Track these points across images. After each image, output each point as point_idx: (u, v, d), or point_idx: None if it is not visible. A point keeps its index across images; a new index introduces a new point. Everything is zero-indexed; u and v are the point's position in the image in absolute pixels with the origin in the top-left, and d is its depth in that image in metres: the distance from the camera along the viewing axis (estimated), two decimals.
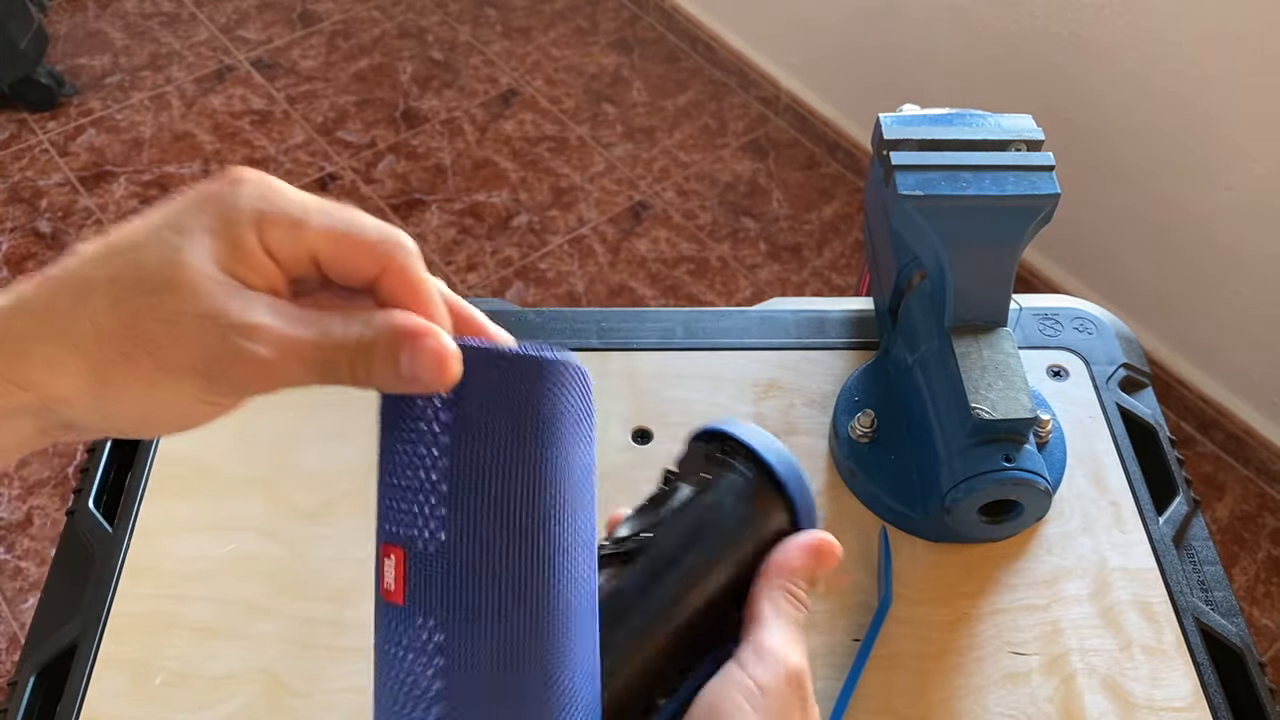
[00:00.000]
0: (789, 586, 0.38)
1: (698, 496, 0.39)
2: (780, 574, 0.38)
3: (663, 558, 0.37)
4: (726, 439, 0.40)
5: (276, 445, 0.63)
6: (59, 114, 1.95)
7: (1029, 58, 1.49)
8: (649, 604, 0.36)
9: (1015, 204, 0.57)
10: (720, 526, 0.38)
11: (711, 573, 0.38)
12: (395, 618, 0.30)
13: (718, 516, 0.38)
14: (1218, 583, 0.60)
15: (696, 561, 0.37)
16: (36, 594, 1.36)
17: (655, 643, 0.36)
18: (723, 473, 0.40)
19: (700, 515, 0.38)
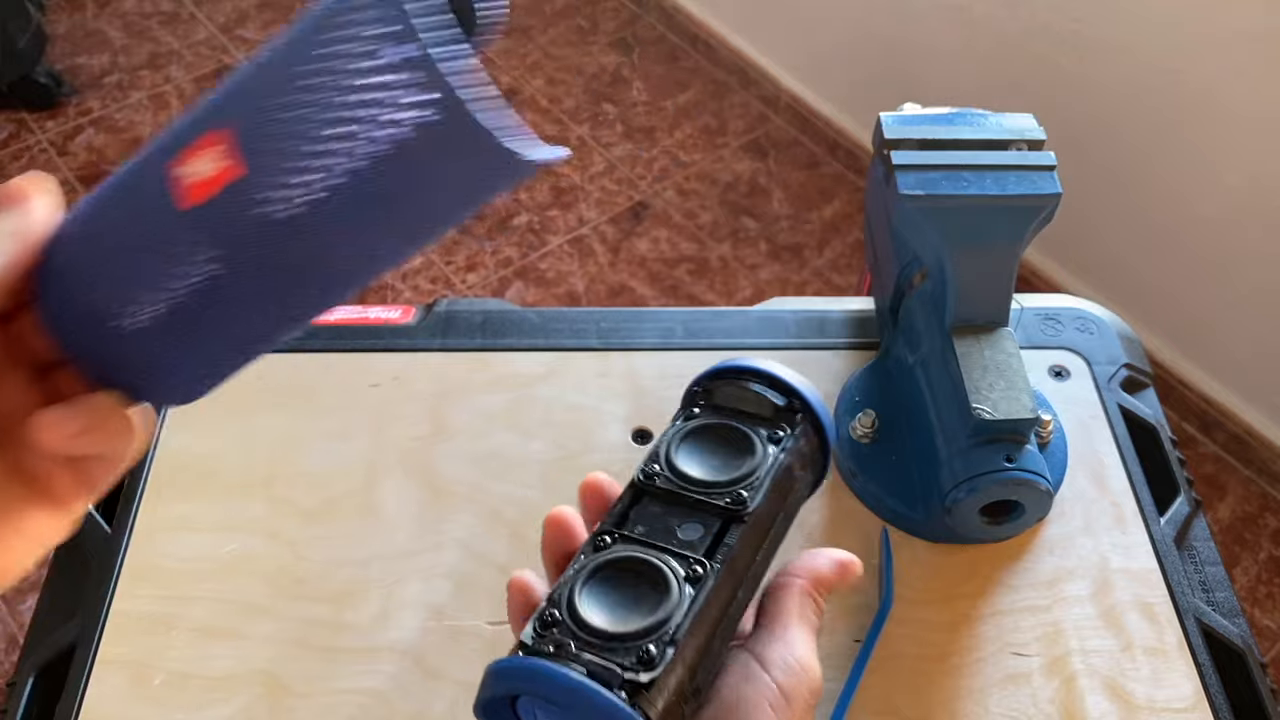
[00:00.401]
0: (815, 595, 0.39)
1: (780, 458, 0.39)
2: (811, 581, 0.39)
3: (762, 520, 0.38)
4: (790, 392, 0.41)
5: (277, 446, 0.63)
6: (58, 113, 1.94)
7: (1030, 57, 1.49)
8: (757, 569, 0.38)
9: (1016, 203, 0.57)
10: (797, 490, 0.40)
11: (785, 530, 0.40)
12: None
13: (793, 481, 0.40)
14: (1219, 583, 0.59)
15: (781, 523, 0.39)
16: (36, 594, 1.36)
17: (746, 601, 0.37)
18: (797, 435, 0.40)
19: (784, 478, 0.39)
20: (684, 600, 0.34)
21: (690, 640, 0.33)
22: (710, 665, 0.35)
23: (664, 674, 0.32)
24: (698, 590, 0.35)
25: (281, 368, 0.66)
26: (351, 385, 0.65)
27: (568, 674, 0.31)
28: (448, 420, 0.64)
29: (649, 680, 0.32)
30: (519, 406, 0.65)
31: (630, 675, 0.32)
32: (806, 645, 0.37)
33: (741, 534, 0.37)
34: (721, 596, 0.35)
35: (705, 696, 0.35)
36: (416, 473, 0.62)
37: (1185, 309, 1.49)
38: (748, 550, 0.37)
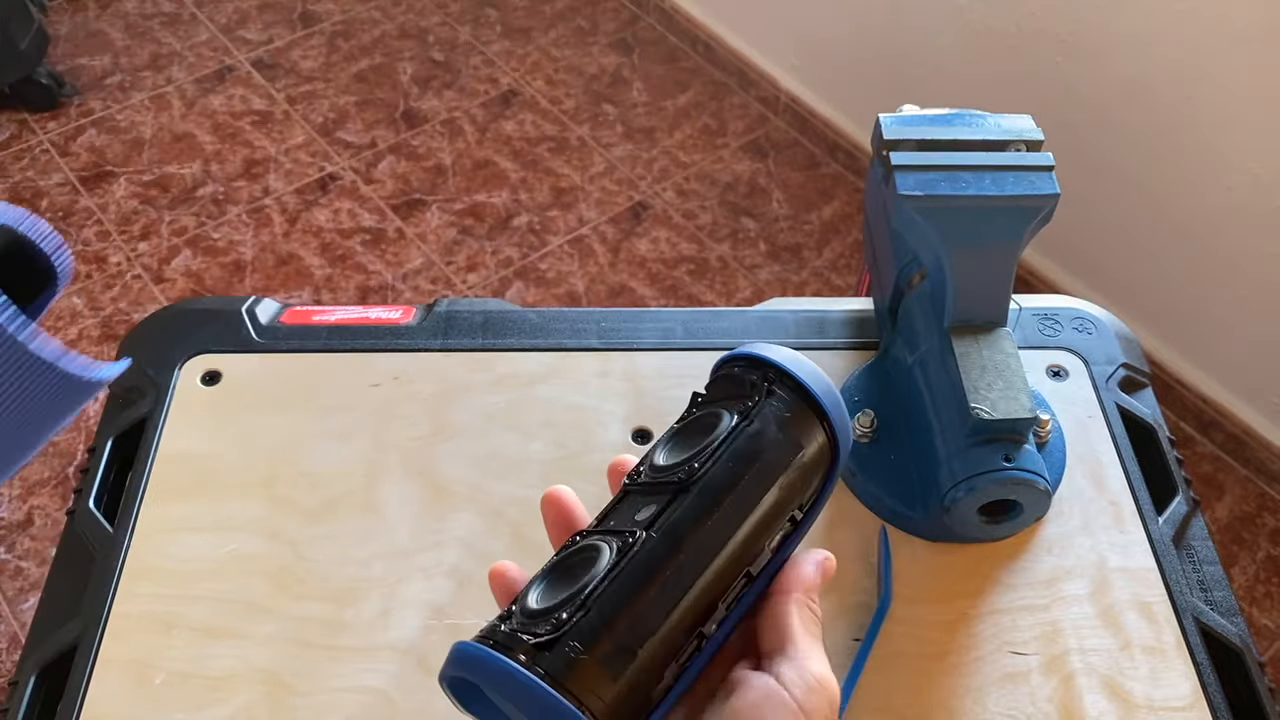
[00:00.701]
0: (810, 604, 0.39)
1: (741, 425, 0.38)
2: (800, 588, 0.39)
3: (713, 489, 0.37)
4: (762, 364, 0.40)
5: (277, 445, 0.63)
6: (59, 114, 1.95)
7: (1029, 58, 1.49)
8: (701, 540, 0.36)
9: (1015, 204, 0.57)
10: (766, 454, 0.38)
11: (758, 503, 0.37)
12: None
13: (762, 444, 0.38)
14: (1217, 583, 0.60)
15: (746, 491, 0.37)
16: (37, 594, 1.36)
17: (713, 573, 0.36)
18: (763, 400, 0.39)
19: (746, 443, 0.38)
20: (604, 567, 0.34)
21: (608, 602, 0.34)
22: (645, 629, 0.34)
23: (570, 634, 0.32)
24: (621, 557, 0.35)
25: (282, 368, 0.66)
26: (352, 385, 0.66)
27: (472, 646, 0.33)
28: (448, 420, 0.64)
29: (548, 640, 0.32)
30: (519, 406, 0.65)
31: (534, 639, 0.32)
32: (820, 660, 0.37)
33: (687, 502, 0.36)
34: (653, 560, 0.35)
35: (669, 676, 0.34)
36: (417, 472, 0.62)
37: (1183, 309, 1.50)
38: (694, 516, 0.36)
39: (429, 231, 1.79)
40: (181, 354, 0.67)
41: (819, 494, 0.40)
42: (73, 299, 1.67)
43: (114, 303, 1.67)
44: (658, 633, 0.34)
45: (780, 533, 0.39)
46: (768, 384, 0.39)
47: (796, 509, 0.39)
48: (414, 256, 1.76)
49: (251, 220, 1.80)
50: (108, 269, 1.71)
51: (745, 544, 0.37)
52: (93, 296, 1.68)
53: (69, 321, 1.64)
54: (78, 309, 1.66)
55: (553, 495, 0.40)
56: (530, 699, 0.31)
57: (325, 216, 1.81)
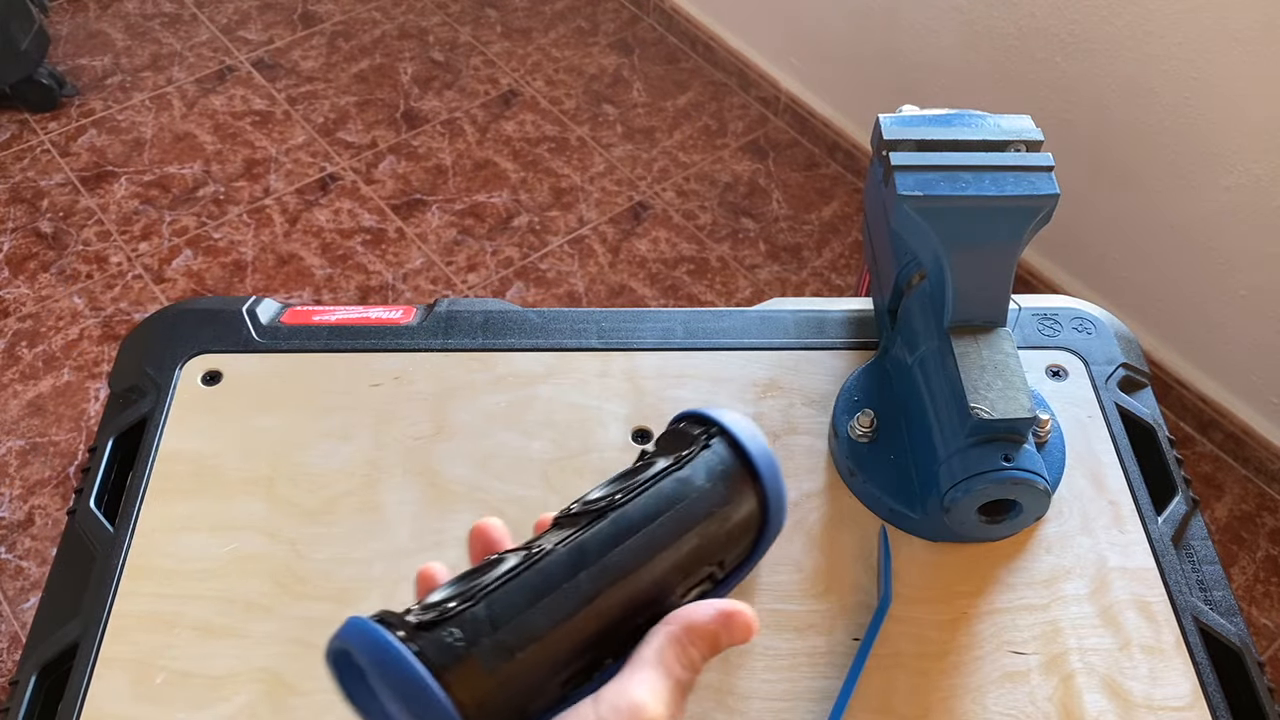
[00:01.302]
0: (685, 643, 0.36)
1: (671, 468, 0.39)
2: (683, 626, 0.36)
3: (628, 519, 0.37)
4: (707, 422, 0.41)
5: (277, 445, 0.63)
6: (60, 114, 1.95)
7: (1028, 58, 1.49)
8: (606, 562, 0.36)
9: (1014, 204, 0.57)
10: (689, 499, 0.38)
11: (672, 544, 0.37)
12: None
13: (687, 490, 0.38)
14: (1216, 582, 0.60)
15: (661, 529, 0.37)
16: (38, 593, 1.37)
17: (611, 598, 0.36)
18: (699, 450, 0.40)
19: (672, 486, 0.38)
20: (502, 570, 0.35)
21: (496, 600, 0.34)
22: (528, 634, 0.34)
23: (451, 621, 0.33)
24: (520, 564, 0.35)
25: (282, 368, 0.66)
26: (352, 385, 0.66)
27: (358, 618, 0.33)
28: (449, 420, 0.65)
29: (430, 622, 0.33)
30: (519, 406, 0.65)
31: (417, 621, 0.33)
32: (648, 688, 0.34)
33: (598, 526, 0.37)
34: (551, 570, 0.35)
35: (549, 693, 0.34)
36: (417, 472, 0.62)
37: (1183, 309, 1.50)
38: (600, 539, 0.36)
39: (429, 231, 1.79)
40: (182, 354, 0.67)
41: (747, 556, 0.40)
42: (73, 299, 1.67)
43: (115, 303, 1.67)
44: (541, 641, 0.34)
45: (697, 586, 0.38)
46: (707, 437, 0.40)
47: (717, 565, 0.39)
48: (414, 256, 1.76)
49: (252, 220, 1.80)
50: (108, 269, 1.71)
51: (651, 580, 0.37)
52: (93, 296, 1.68)
53: (69, 321, 1.64)
54: (78, 309, 1.66)
55: (479, 527, 0.40)
56: (397, 671, 0.31)
57: (326, 216, 1.81)
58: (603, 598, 0.35)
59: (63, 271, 1.71)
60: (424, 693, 0.31)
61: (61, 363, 1.59)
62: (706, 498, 0.39)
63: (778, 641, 0.56)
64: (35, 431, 1.52)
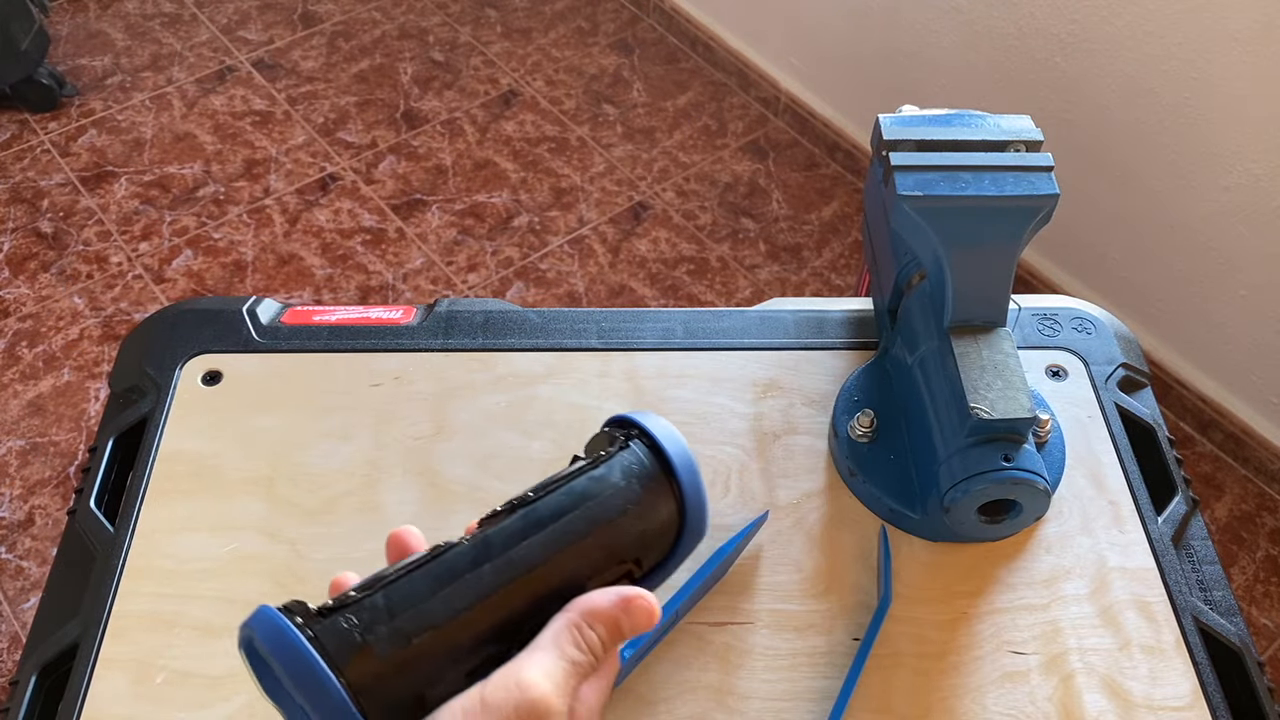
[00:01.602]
0: (584, 626, 0.36)
1: (586, 467, 0.40)
2: (581, 610, 0.37)
3: (537, 515, 0.38)
4: (629, 424, 0.42)
5: (277, 445, 0.63)
6: (60, 114, 1.95)
7: (1028, 58, 1.49)
8: (511, 556, 0.37)
9: (1014, 204, 0.57)
10: (600, 497, 0.39)
11: (580, 539, 0.38)
12: None
13: (600, 488, 0.39)
14: (1216, 582, 0.60)
15: (569, 524, 0.38)
16: (38, 594, 1.37)
17: (515, 590, 0.36)
18: (617, 451, 0.41)
19: (585, 484, 0.39)
20: (404, 563, 0.36)
21: (396, 589, 0.35)
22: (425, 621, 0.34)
23: (350, 608, 0.34)
24: (425, 556, 0.36)
25: (282, 368, 0.66)
26: (353, 385, 0.66)
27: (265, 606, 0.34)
28: (449, 420, 0.65)
29: (328, 608, 0.34)
30: (520, 406, 0.65)
31: (318, 608, 0.34)
32: (539, 667, 0.34)
33: (506, 523, 0.38)
34: (455, 563, 0.36)
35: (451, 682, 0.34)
36: (417, 472, 0.62)
37: (1183, 309, 1.50)
38: (509, 534, 0.37)
39: (429, 231, 1.79)
40: (182, 354, 0.67)
41: (667, 555, 0.41)
42: (74, 299, 1.67)
43: (115, 303, 1.67)
44: (439, 629, 0.34)
45: (614, 583, 0.39)
46: (626, 439, 0.41)
47: (633, 563, 0.40)
48: (414, 256, 1.76)
49: (252, 220, 1.80)
50: (109, 269, 1.71)
51: (559, 574, 0.37)
52: (94, 296, 1.68)
53: (70, 321, 1.64)
54: (78, 309, 1.66)
55: (395, 534, 0.40)
56: (289, 654, 0.32)
57: (326, 216, 1.81)
58: (506, 590, 0.36)
59: (63, 271, 1.71)
60: (314, 674, 0.32)
61: (62, 363, 1.59)
62: (619, 495, 0.39)
63: (778, 641, 0.56)
64: (35, 431, 1.52)
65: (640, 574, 0.40)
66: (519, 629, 0.36)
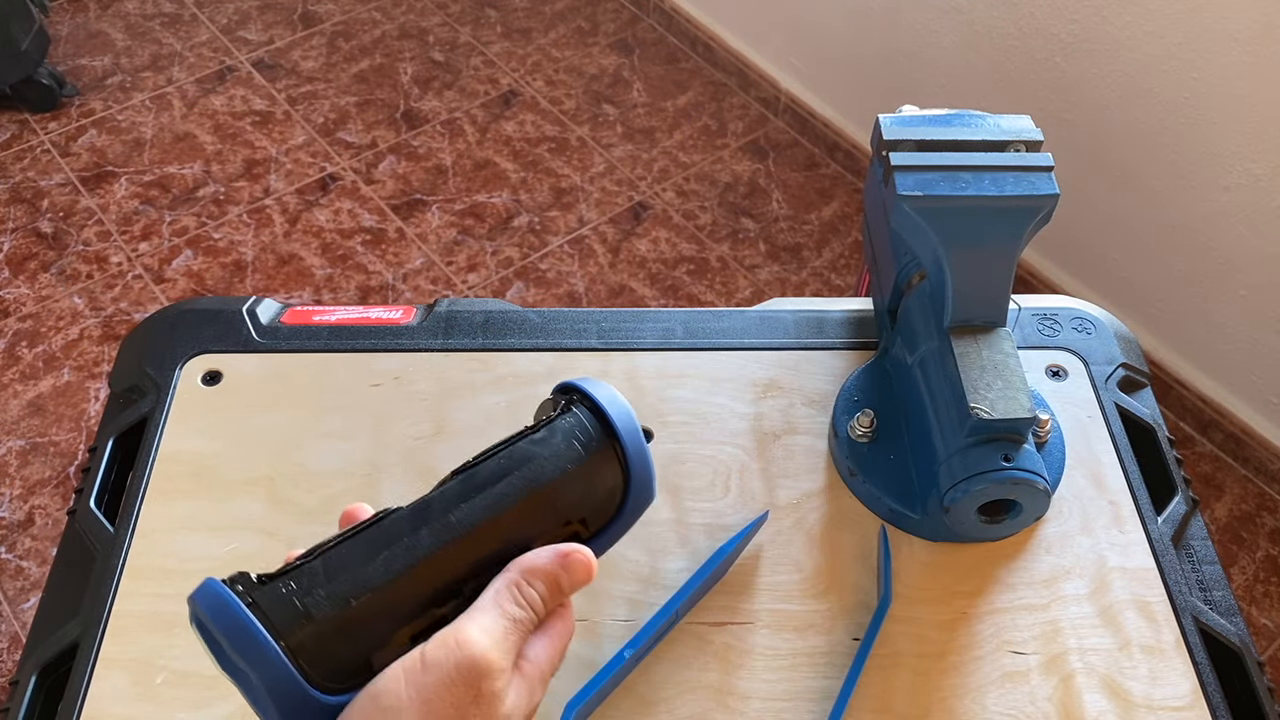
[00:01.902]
0: (522, 583, 0.37)
1: (527, 431, 0.40)
2: (520, 568, 0.38)
3: (477, 478, 0.38)
4: (571, 390, 0.42)
5: (277, 444, 0.63)
6: (60, 114, 1.95)
7: (1028, 59, 1.49)
8: (450, 519, 0.37)
9: (1014, 204, 0.57)
10: (539, 458, 0.39)
11: (520, 501, 0.38)
12: None
13: (540, 450, 0.39)
14: (1216, 582, 0.60)
15: (508, 487, 0.38)
16: (38, 593, 1.37)
17: (453, 550, 0.37)
18: (559, 415, 0.41)
19: (525, 447, 0.40)
20: (347, 530, 0.37)
21: (335, 555, 0.36)
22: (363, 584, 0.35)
23: (290, 574, 0.35)
24: (365, 523, 0.37)
25: (282, 368, 0.66)
26: (353, 385, 0.66)
27: (211, 579, 0.34)
28: (449, 420, 0.65)
29: (265, 576, 0.35)
30: (520, 406, 0.65)
31: (257, 576, 0.35)
32: (478, 625, 0.35)
33: (448, 487, 0.38)
34: (393, 529, 0.37)
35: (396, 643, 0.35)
36: (417, 472, 0.62)
37: (1183, 309, 1.50)
38: (447, 499, 0.38)
39: (429, 231, 1.79)
40: (182, 354, 0.67)
41: (614, 514, 0.41)
42: (74, 299, 1.67)
43: (115, 303, 1.67)
44: (378, 591, 0.35)
45: (559, 541, 0.39)
46: (569, 403, 0.42)
47: (579, 523, 0.40)
48: (414, 256, 1.76)
49: (252, 220, 1.80)
50: (109, 269, 1.71)
51: (499, 536, 0.38)
52: (94, 296, 1.68)
53: (70, 321, 1.64)
54: (79, 309, 1.66)
55: (347, 512, 0.41)
56: (227, 618, 0.32)
57: (326, 217, 1.81)
58: (444, 552, 0.37)
59: (63, 271, 1.71)
60: (252, 638, 0.32)
61: (61, 363, 1.59)
62: (559, 457, 0.39)
63: (778, 641, 0.56)
64: (35, 431, 1.52)
65: (588, 535, 0.41)
66: (461, 590, 0.37)
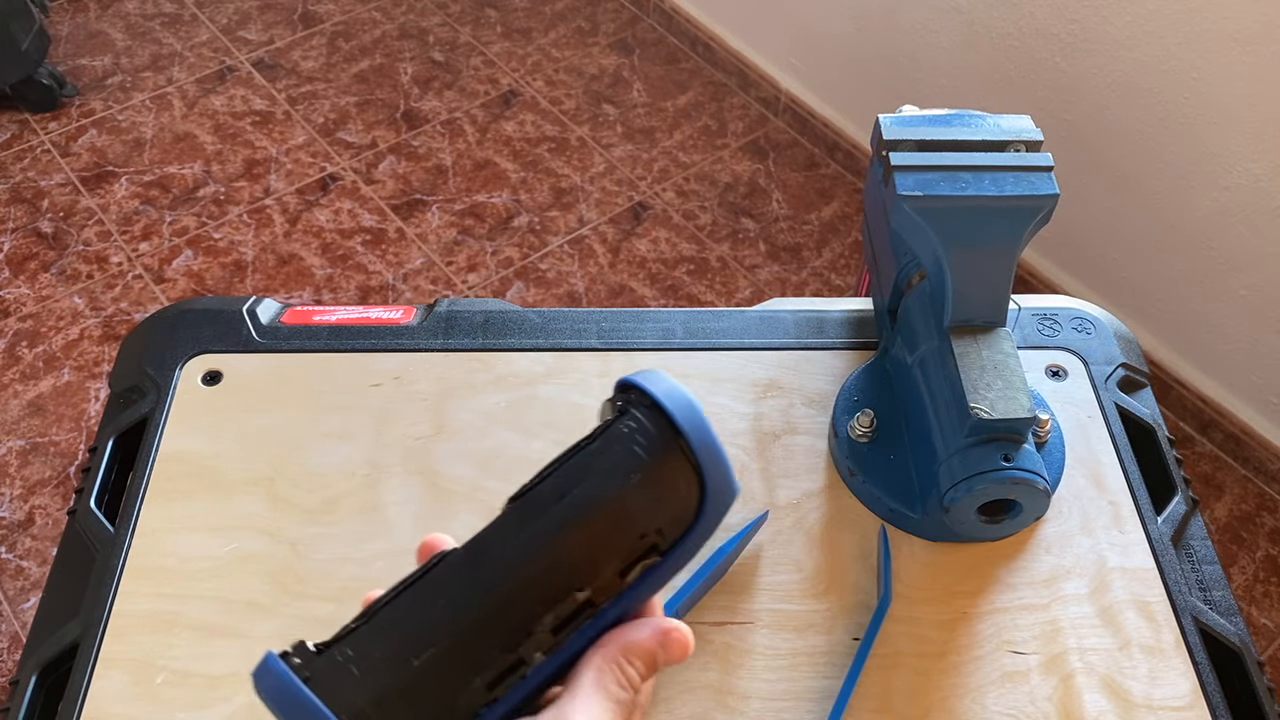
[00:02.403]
0: (623, 663, 0.35)
1: (583, 443, 0.35)
2: (619, 646, 0.35)
3: (531, 504, 0.34)
4: (626, 388, 0.37)
5: (277, 445, 0.63)
6: (60, 114, 1.95)
7: (1028, 59, 1.49)
8: (506, 553, 0.34)
9: (1014, 204, 0.57)
10: (598, 470, 0.34)
11: (582, 521, 0.34)
12: None
13: (597, 461, 0.35)
14: (1216, 582, 0.60)
15: (567, 508, 0.34)
16: (38, 593, 1.37)
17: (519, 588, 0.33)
18: (614, 419, 0.36)
19: (582, 460, 0.35)
20: (400, 582, 0.34)
21: (390, 611, 0.33)
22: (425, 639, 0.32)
23: (346, 641, 0.32)
24: (419, 571, 0.34)
25: (282, 367, 0.66)
26: (353, 385, 0.66)
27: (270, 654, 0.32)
28: (449, 420, 0.65)
29: (322, 644, 0.33)
30: (520, 406, 0.65)
31: (315, 645, 0.33)
32: (585, 715, 0.33)
33: (501, 518, 0.35)
34: (449, 572, 0.33)
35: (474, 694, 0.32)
36: (418, 472, 0.62)
37: (1183, 309, 1.50)
38: (504, 533, 0.34)
39: (429, 232, 1.79)
40: (182, 354, 0.67)
41: (694, 518, 0.36)
42: (74, 299, 1.67)
43: (115, 303, 1.67)
44: (440, 646, 0.32)
45: (638, 559, 0.35)
46: (623, 405, 0.36)
47: (655, 533, 0.35)
48: (414, 256, 1.76)
49: (252, 220, 1.80)
50: (109, 269, 1.71)
51: (564, 563, 0.34)
52: (94, 296, 1.68)
53: (70, 321, 1.64)
54: (79, 309, 1.66)
55: (425, 544, 0.38)
56: (284, 698, 0.31)
57: (326, 217, 1.81)
58: (507, 590, 0.33)
59: (63, 271, 1.71)
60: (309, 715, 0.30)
61: (62, 363, 1.59)
62: (620, 466, 0.34)
63: (777, 641, 0.56)
64: (35, 431, 1.52)
65: (666, 545, 0.35)
66: (533, 629, 0.33)
